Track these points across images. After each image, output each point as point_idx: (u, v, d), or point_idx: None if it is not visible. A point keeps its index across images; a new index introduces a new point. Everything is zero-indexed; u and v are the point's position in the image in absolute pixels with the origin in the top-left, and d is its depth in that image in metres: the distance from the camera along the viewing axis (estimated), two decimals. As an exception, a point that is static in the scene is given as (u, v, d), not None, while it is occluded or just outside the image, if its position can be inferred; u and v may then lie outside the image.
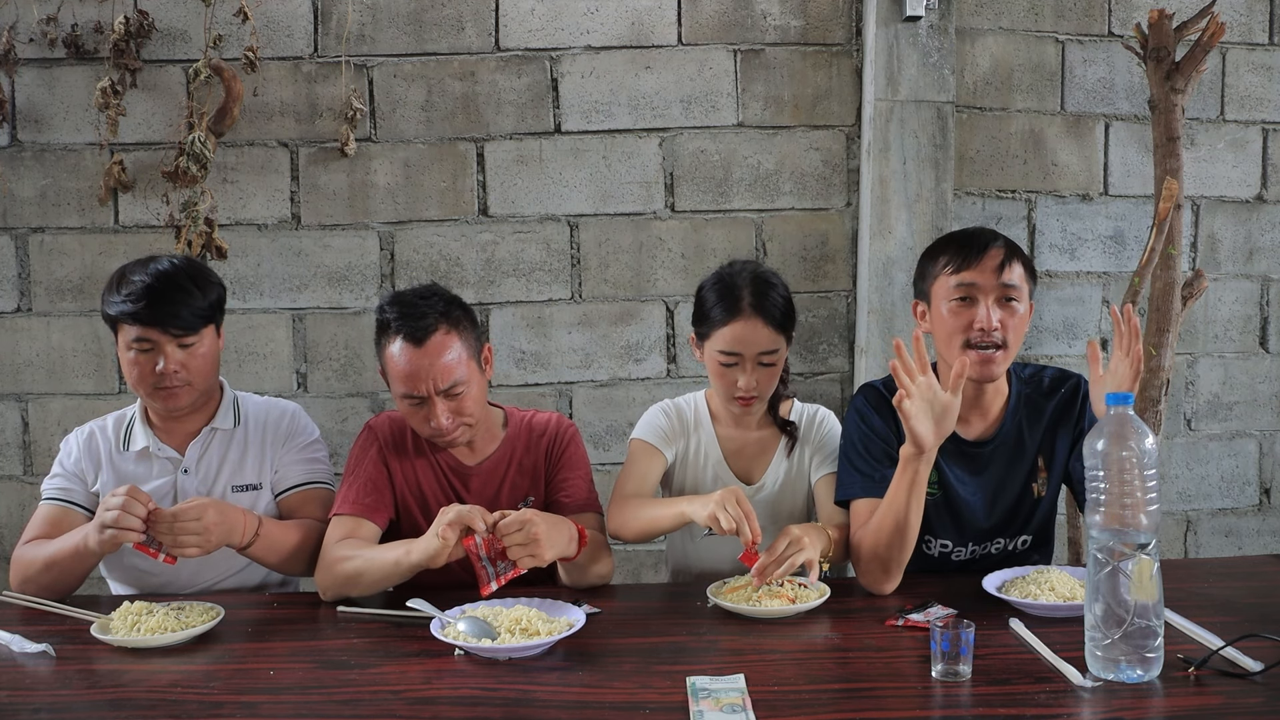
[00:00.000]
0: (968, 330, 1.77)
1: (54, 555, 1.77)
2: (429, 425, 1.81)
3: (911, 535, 1.70)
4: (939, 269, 1.83)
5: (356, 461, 1.91)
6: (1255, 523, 3.28)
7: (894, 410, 1.86)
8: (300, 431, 2.01)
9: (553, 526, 1.65)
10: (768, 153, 3.01)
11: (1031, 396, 1.91)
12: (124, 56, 2.81)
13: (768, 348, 1.90)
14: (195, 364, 1.86)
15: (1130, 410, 1.38)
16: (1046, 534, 1.97)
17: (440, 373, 1.78)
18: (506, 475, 1.94)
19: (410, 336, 1.78)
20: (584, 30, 2.96)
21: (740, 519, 1.68)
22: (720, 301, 1.92)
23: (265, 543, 1.80)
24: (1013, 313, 1.78)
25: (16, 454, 2.95)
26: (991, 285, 1.77)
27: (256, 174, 2.94)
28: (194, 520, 1.68)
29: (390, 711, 1.31)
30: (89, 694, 1.39)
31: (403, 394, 1.80)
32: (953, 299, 1.79)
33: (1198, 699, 1.28)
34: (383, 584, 1.74)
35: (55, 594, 1.81)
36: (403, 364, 1.78)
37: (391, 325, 1.80)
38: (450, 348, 1.80)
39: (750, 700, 1.28)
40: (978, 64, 3.05)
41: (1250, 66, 3.18)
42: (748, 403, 1.94)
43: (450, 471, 1.92)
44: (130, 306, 1.80)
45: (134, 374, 1.85)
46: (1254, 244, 3.22)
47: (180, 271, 1.86)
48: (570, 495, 1.93)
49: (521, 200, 2.98)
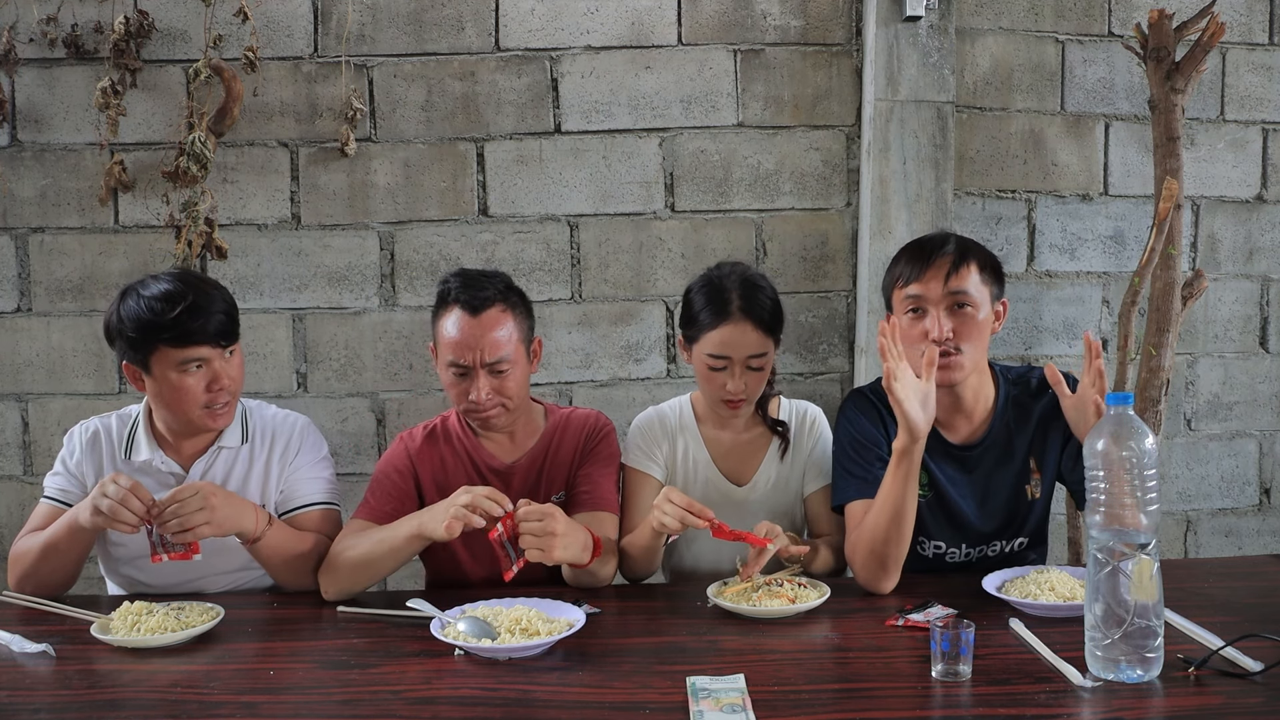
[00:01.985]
0: (922, 339, 1.78)
1: (49, 539, 1.76)
2: (468, 399, 1.83)
3: (907, 529, 1.71)
4: (894, 280, 1.85)
5: (383, 472, 1.93)
6: (1255, 523, 3.28)
7: (882, 415, 1.88)
8: (309, 448, 1.98)
9: (571, 530, 1.65)
10: (768, 153, 3.01)
11: (1019, 398, 1.91)
12: (124, 56, 2.81)
13: (756, 351, 1.90)
14: (234, 373, 1.84)
15: (1130, 410, 1.38)
16: (1043, 536, 1.97)
17: (489, 346, 1.82)
18: (544, 470, 1.95)
19: (467, 305, 1.83)
20: (584, 30, 2.97)
21: (680, 514, 1.69)
22: (709, 305, 1.92)
23: (276, 539, 1.79)
24: (965, 319, 1.78)
25: (16, 454, 2.95)
26: (938, 295, 1.78)
27: (256, 174, 2.94)
28: (193, 496, 1.66)
29: (390, 711, 1.31)
30: (89, 694, 1.39)
31: (450, 362, 1.83)
32: (905, 311, 1.81)
33: (1198, 699, 1.28)
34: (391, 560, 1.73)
35: (55, 583, 1.80)
36: (455, 332, 1.82)
37: (451, 294, 1.85)
38: (503, 325, 1.84)
39: (750, 700, 1.28)
40: (978, 64, 3.05)
41: (1250, 66, 3.18)
42: (735, 406, 1.94)
43: (490, 471, 1.93)
44: (173, 330, 1.73)
45: (182, 399, 1.78)
46: (1254, 244, 3.22)
47: (194, 281, 1.82)
48: (589, 491, 1.92)
49: (521, 200, 2.98)
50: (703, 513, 1.70)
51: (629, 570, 1.94)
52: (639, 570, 1.93)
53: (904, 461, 1.68)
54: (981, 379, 1.89)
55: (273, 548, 1.79)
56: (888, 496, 1.70)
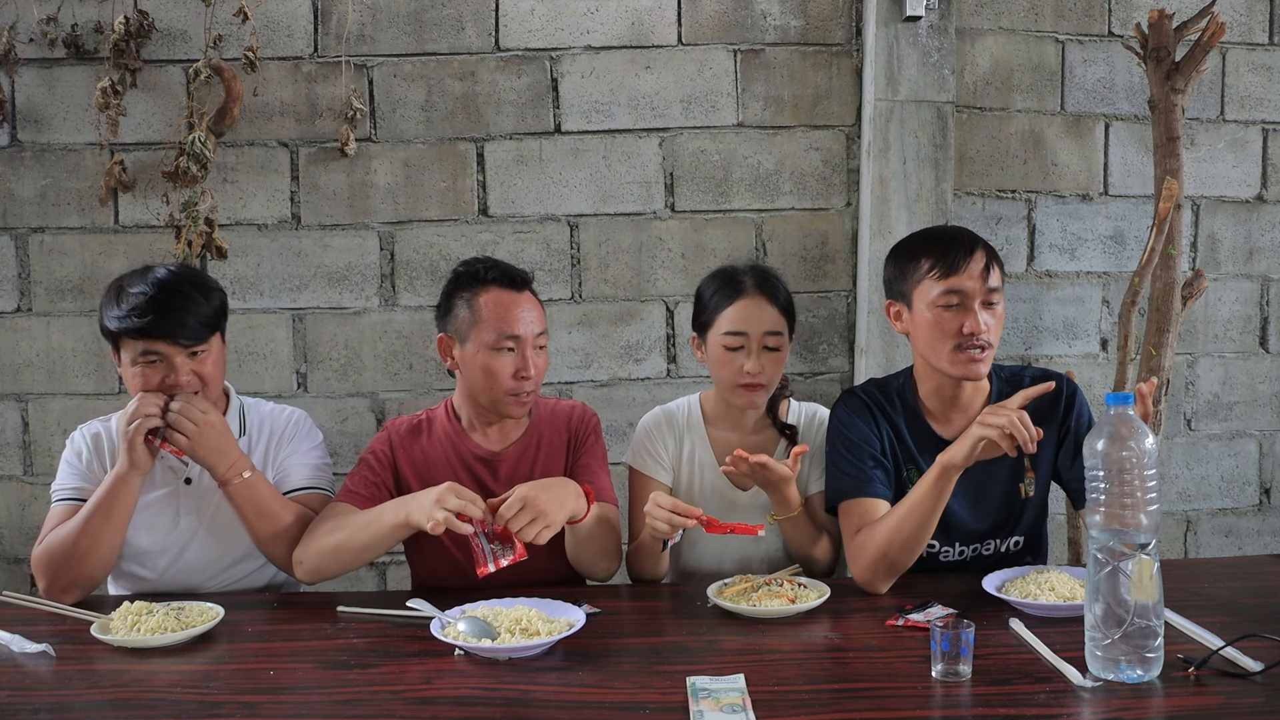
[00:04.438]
0: (958, 335, 1.77)
1: (85, 515, 1.77)
2: (515, 376, 1.84)
3: (926, 539, 1.74)
4: (922, 272, 1.81)
5: (363, 459, 1.93)
6: (1255, 523, 3.28)
7: (874, 414, 1.88)
8: (304, 436, 2.01)
9: (550, 489, 1.66)
10: (768, 153, 3.01)
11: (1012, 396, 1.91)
12: (124, 56, 2.81)
13: (772, 327, 1.89)
14: (206, 372, 1.84)
15: (1130, 410, 1.38)
16: (1039, 535, 1.96)
17: (534, 320, 1.87)
18: (537, 460, 1.94)
19: (510, 283, 1.88)
20: (584, 30, 2.96)
21: (667, 516, 1.70)
22: (722, 288, 1.93)
23: (251, 489, 1.80)
24: (995, 314, 1.80)
25: (16, 454, 2.95)
26: (979, 290, 1.77)
27: (256, 174, 2.94)
28: (203, 414, 1.76)
29: (390, 711, 1.31)
30: (89, 694, 1.39)
31: (500, 334, 1.84)
32: (939, 305, 1.79)
33: (1198, 699, 1.28)
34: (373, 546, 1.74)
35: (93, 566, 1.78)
36: (502, 305, 1.85)
37: (484, 275, 1.88)
38: (538, 304, 1.91)
39: (750, 700, 1.28)
40: (978, 64, 3.05)
41: (1250, 66, 3.18)
42: (753, 389, 1.91)
43: (476, 460, 1.93)
44: (135, 321, 1.76)
45: (139, 387, 1.81)
46: (1254, 244, 3.22)
47: (181, 279, 1.83)
48: (591, 484, 1.91)
49: (521, 200, 2.98)
50: (689, 511, 1.70)
51: (638, 575, 1.95)
52: (647, 574, 1.94)
53: (947, 475, 1.70)
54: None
55: (246, 496, 1.80)
56: (919, 506, 1.71)
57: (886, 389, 1.93)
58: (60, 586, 1.78)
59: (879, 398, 1.91)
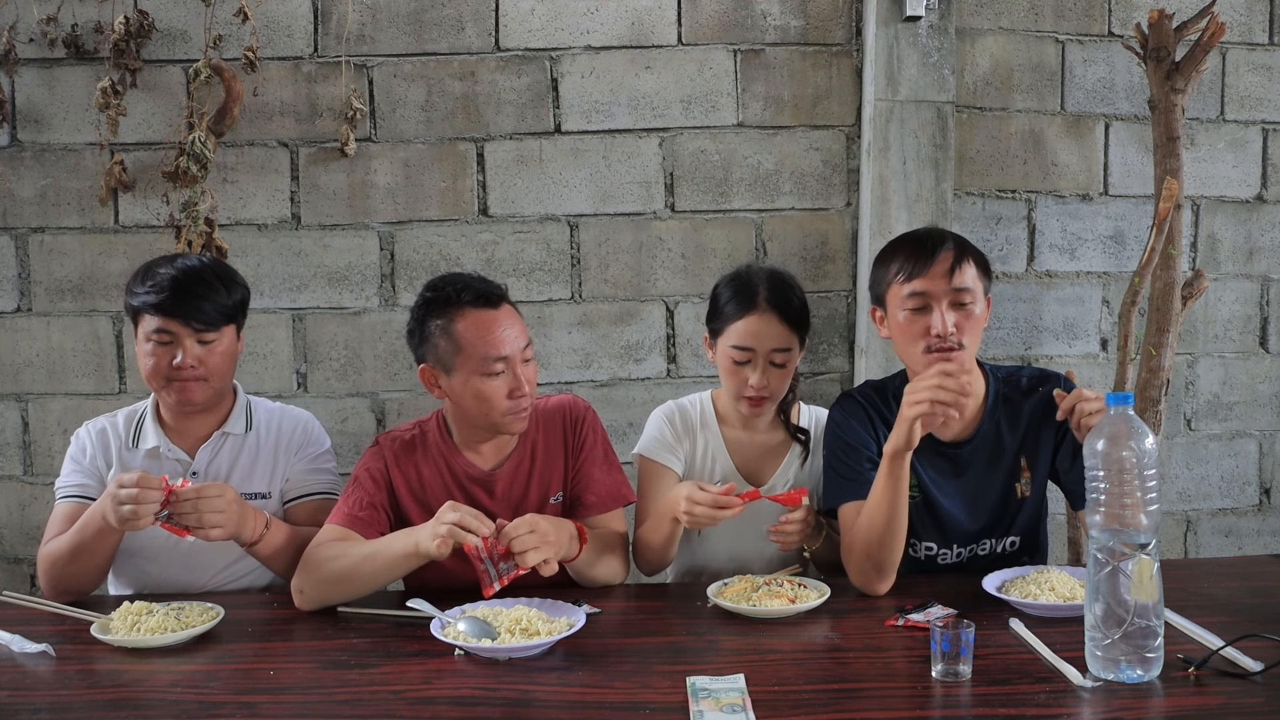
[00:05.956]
0: (926, 336, 1.77)
1: (76, 543, 1.77)
2: (510, 398, 1.76)
3: (900, 532, 1.72)
4: (891, 276, 1.81)
5: (357, 476, 1.86)
6: (1255, 523, 3.28)
7: (870, 417, 1.88)
8: (313, 442, 2.01)
9: (555, 527, 1.65)
10: (768, 153, 3.01)
11: (1009, 396, 1.90)
12: (124, 56, 2.81)
13: (781, 345, 1.89)
14: (213, 361, 1.86)
15: (1130, 410, 1.38)
16: (1035, 536, 1.95)
17: (517, 334, 1.79)
18: (532, 475, 1.90)
19: (485, 301, 1.77)
20: (584, 30, 2.96)
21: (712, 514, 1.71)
22: (735, 296, 1.92)
23: (272, 541, 1.80)
24: (967, 314, 1.78)
25: (16, 454, 2.95)
26: (942, 291, 1.76)
27: (256, 174, 2.94)
28: (217, 497, 1.68)
29: (390, 711, 1.31)
30: (89, 694, 1.39)
31: (487, 358, 1.74)
32: (906, 308, 1.78)
33: (1198, 699, 1.28)
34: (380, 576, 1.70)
35: (86, 580, 1.81)
36: (483, 327, 1.75)
37: (458, 296, 1.77)
38: (517, 315, 1.83)
39: (750, 700, 1.28)
40: (978, 64, 3.05)
41: (1250, 66, 3.18)
42: (757, 403, 1.92)
43: (470, 480, 1.87)
44: (154, 297, 1.81)
45: (149, 365, 1.84)
46: (1254, 244, 3.22)
47: (207, 269, 1.88)
48: (595, 493, 1.90)
49: (521, 200, 2.98)
50: (730, 503, 1.71)
51: (645, 562, 1.93)
52: (655, 562, 1.92)
53: (896, 464, 1.69)
54: (972, 376, 1.89)
55: (270, 549, 1.80)
56: (879, 499, 1.71)
57: (883, 391, 1.93)
58: (58, 593, 1.82)
59: (875, 400, 1.91)
